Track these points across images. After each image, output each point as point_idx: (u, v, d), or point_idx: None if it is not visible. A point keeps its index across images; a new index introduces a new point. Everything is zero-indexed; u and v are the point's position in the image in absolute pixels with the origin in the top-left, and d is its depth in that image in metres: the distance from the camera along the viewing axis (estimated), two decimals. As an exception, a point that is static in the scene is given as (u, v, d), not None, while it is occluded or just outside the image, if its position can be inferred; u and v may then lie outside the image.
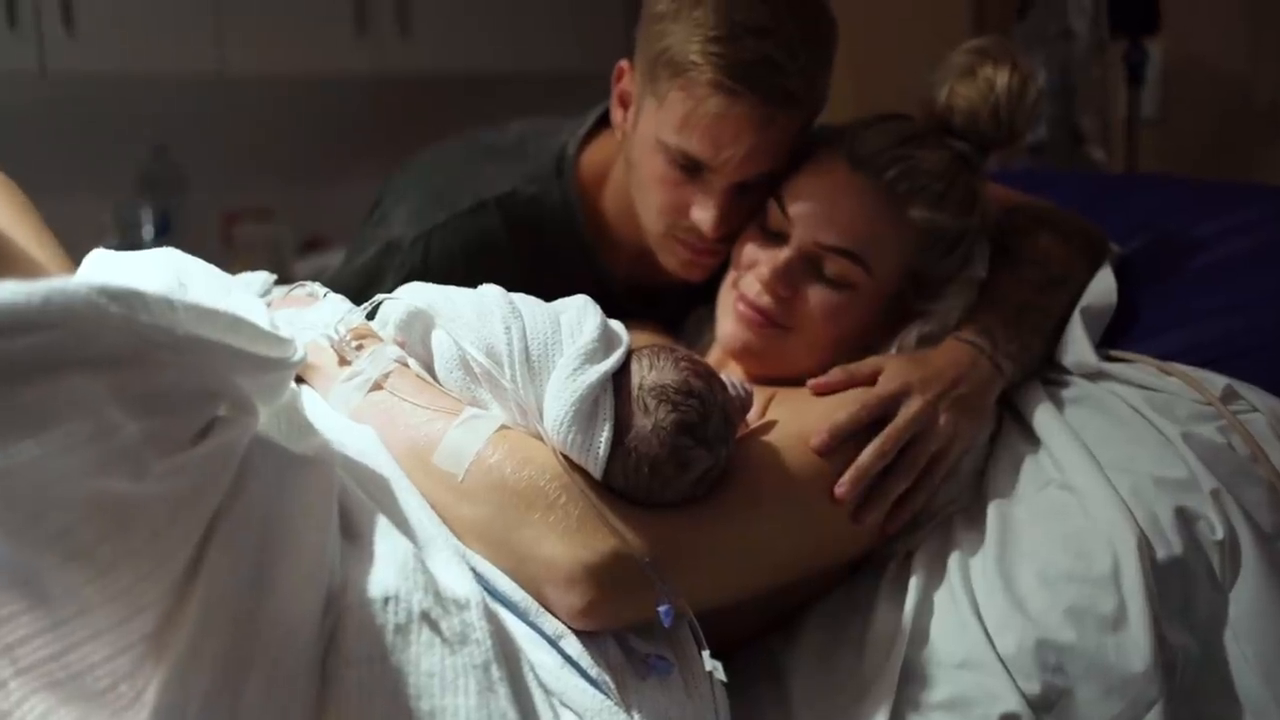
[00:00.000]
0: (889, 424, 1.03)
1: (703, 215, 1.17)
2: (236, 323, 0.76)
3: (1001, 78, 1.18)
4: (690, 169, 1.16)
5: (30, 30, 3.01)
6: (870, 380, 1.08)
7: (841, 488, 1.00)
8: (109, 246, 3.67)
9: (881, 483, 1.03)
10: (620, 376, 0.93)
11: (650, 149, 1.18)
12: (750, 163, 1.14)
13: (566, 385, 0.90)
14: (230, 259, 3.44)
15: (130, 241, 3.38)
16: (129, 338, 0.66)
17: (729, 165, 1.14)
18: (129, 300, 0.66)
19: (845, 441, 1.03)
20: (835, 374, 1.09)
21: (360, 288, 1.30)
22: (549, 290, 1.19)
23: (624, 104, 1.25)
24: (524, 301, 0.99)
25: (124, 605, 0.65)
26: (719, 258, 1.23)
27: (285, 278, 3.64)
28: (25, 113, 3.32)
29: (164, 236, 3.39)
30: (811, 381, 1.09)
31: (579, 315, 0.97)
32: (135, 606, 0.66)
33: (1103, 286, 1.22)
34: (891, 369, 1.08)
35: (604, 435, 0.89)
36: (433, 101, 3.42)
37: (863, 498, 1.02)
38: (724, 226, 1.18)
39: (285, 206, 3.57)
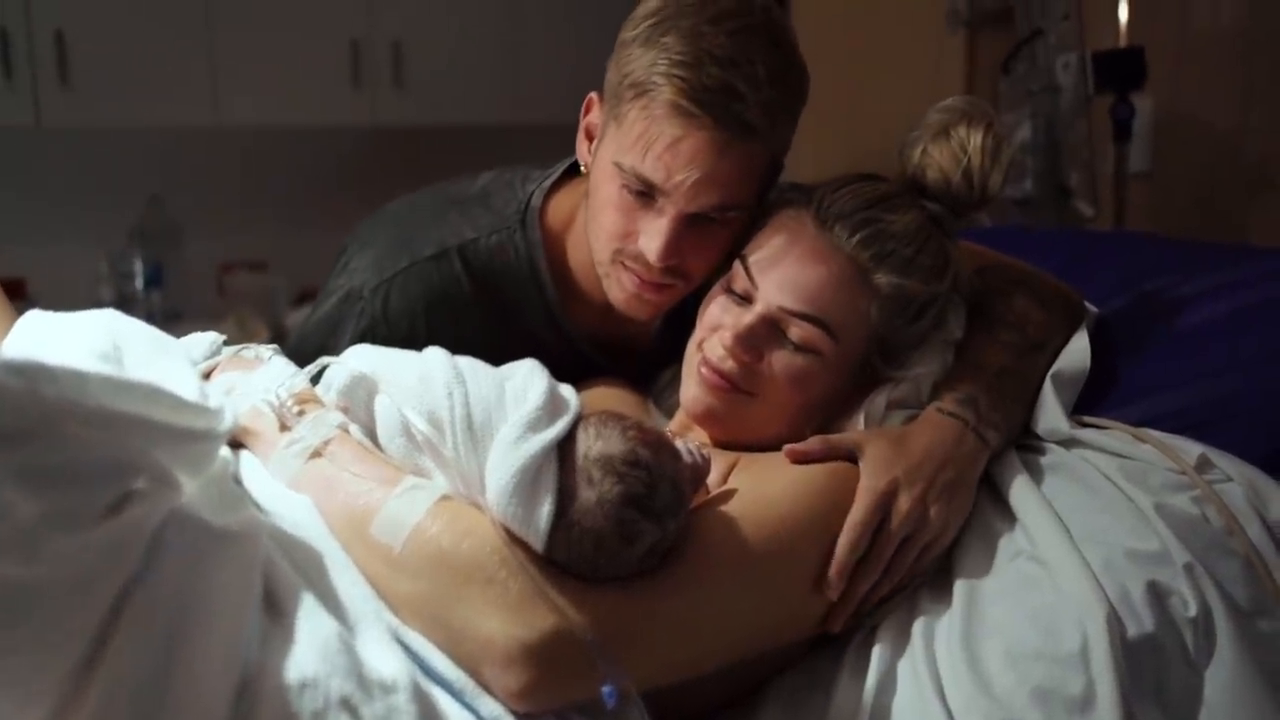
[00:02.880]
0: (880, 533, 1.02)
1: (650, 243, 1.15)
2: (155, 393, 0.74)
3: (975, 138, 1.16)
4: (644, 194, 1.14)
5: (25, 84, 3.03)
6: (849, 455, 1.05)
7: (836, 623, 1.01)
8: (103, 296, 3.65)
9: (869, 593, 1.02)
10: (566, 446, 0.90)
11: (607, 174, 1.16)
12: (702, 190, 1.11)
13: (508, 455, 0.87)
14: (224, 309, 3.46)
15: (123, 292, 3.39)
16: (30, 412, 0.64)
17: (680, 190, 1.11)
18: (31, 373, 0.64)
19: (817, 514, 1.01)
20: (814, 444, 1.06)
21: (323, 338, 1.28)
22: (512, 342, 1.17)
23: (590, 136, 1.24)
24: (469, 366, 0.97)
25: (15, 696, 0.63)
26: (665, 295, 1.20)
27: (279, 328, 3.63)
28: (20, 165, 3.34)
29: (156, 287, 3.40)
30: (789, 448, 1.06)
31: (525, 381, 0.94)
32: (27, 696, 0.63)
33: (1076, 352, 1.19)
34: (874, 455, 1.04)
35: (546, 508, 0.86)
36: (427, 153, 3.44)
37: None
38: (670, 256, 1.15)
39: (280, 257, 3.58)
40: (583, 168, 1.25)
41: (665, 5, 1.13)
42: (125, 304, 3.37)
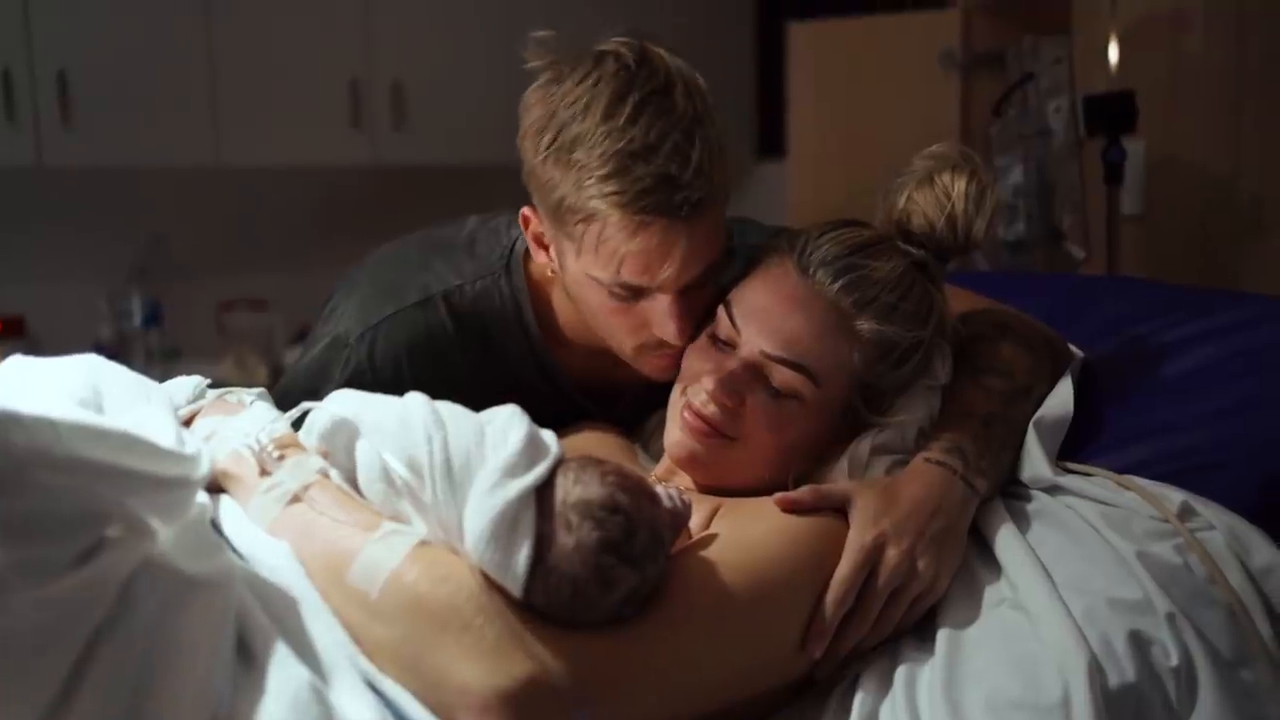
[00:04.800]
0: (868, 588, 1.02)
1: (665, 329, 1.15)
2: (130, 441, 0.74)
3: (959, 185, 1.16)
4: (633, 293, 1.14)
5: (28, 124, 3.06)
6: (840, 504, 1.05)
7: (819, 674, 1.01)
8: (103, 334, 3.64)
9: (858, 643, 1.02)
10: (546, 491, 0.90)
11: (587, 285, 1.16)
12: (688, 269, 1.12)
13: (485, 500, 0.87)
14: (223, 348, 3.46)
15: (122, 330, 3.40)
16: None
17: (669, 282, 1.12)
18: (0, 421, 0.64)
19: (799, 561, 1.00)
20: (806, 494, 1.05)
21: (310, 384, 1.28)
22: (499, 387, 1.17)
23: (541, 244, 1.22)
24: (449, 411, 0.97)
25: (-20, 745, 0.62)
26: None
27: (278, 367, 3.64)
28: (22, 204, 3.36)
29: (155, 325, 3.41)
30: (779, 496, 1.05)
31: (505, 426, 0.94)
32: (-8, 746, 0.63)
33: (1059, 398, 1.19)
34: (862, 507, 1.04)
35: (523, 553, 0.86)
36: (427, 193, 3.45)
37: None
38: (689, 329, 1.16)
39: (279, 296, 3.59)
40: (548, 272, 1.24)
41: (549, 113, 1.11)
42: (124, 342, 3.38)
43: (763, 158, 3.84)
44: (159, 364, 3.29)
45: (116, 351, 3.31)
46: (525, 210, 1.22)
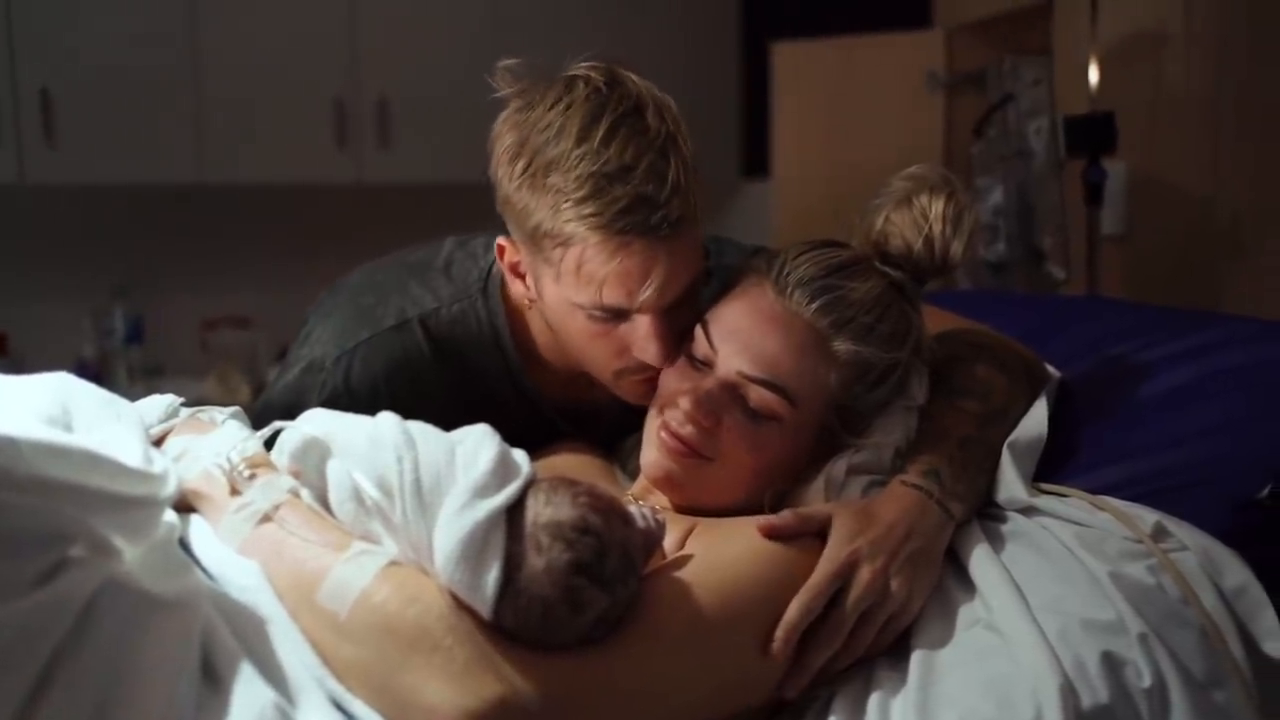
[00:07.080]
0: (839, 604, 1.01)
1: (647, 350, 1.14)
2: (94, 460, 0.73)
3: (937, 206, 1.16)
4: (614, 315, 1.14)
5: (10, 142, 3.05)
6: (821, 528, 1.05)
7: (790, 691, 1.00)
8: (85, 352, 3.64)
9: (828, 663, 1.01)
10: (516, 512, 0.90)
11: (567, 311, 1.15)
12: (667, 289, 1.12)
13: (454, 521, 0.87)
14: (207, 365, 3.45)
15: (105, 347, 3.39)
16: (-41, 480, 0.64)
17: (649, 302, 1.12)
18: (-39, 441, 0.64)
19: (773, 581, 1.00)
20: (787, 518, 1.05)
21: (286, 407, 1.27)
22: (477, 409, 1.16)
23: (517, 273, 1.22)
24: (420, 430, 0.96)
25: (-66, 769, 0.61)
26: None
27: (261, 385, 3.64)
28: (4, 222, 3.35)
29: (137, 343, 3.40)
30: (761, 522, 1.05)
31: (476, 446, 0.94)
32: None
33: (1033, 420, 1.19)
34: (839, 526, 1.04)
35: (493, 574, 0.85)
36: (412, 211, 3.45)
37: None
38: (669, 351, 1.16)
39: (263, 314, 3.59)
40: (525, 303, 1.24)
41: (522, 140, 1.10)
42: (107, 359, 3.37)
43: (747, 177, 3.85)
44: (141, 381, 3.28)
45: (99, 369, 3.30)
46: (500, 240, 1.21)
